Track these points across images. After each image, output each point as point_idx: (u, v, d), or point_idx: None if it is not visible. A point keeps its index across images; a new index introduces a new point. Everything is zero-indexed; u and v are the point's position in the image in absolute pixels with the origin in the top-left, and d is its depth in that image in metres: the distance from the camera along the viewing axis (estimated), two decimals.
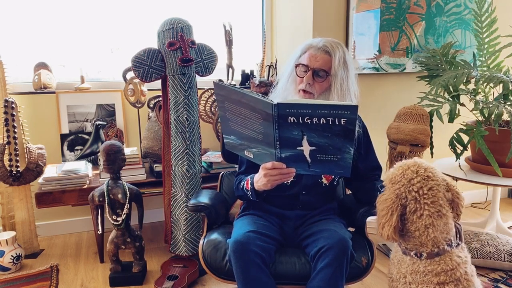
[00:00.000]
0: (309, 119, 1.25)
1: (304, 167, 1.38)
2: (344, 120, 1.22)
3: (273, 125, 1.29)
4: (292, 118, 1.26)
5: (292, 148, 1.34)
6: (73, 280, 2.16)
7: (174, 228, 2.22)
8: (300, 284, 1.46)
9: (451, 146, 2.26)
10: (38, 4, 2.62)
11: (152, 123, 2.50)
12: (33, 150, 2.37)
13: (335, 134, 1.26)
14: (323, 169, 1.38)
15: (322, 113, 1.22)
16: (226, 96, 1.37)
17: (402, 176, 1.27)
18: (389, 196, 1.28)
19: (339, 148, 1.30)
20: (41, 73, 2.49)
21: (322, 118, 1.24)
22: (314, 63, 1.53)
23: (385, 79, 2.79)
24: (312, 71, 1.52)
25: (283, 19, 2.92)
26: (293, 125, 1.28)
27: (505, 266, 2.20)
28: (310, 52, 1.55)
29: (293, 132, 1.30)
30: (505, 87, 2.12)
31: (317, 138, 1.29)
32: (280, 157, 1.37)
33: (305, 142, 1.31)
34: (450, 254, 1.26)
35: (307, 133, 1.29)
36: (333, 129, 1.25)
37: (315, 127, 1.26)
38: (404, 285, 1.32)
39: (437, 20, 2.79)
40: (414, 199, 1.24)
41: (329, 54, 1.52)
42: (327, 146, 1.30)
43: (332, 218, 1.61)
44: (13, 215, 2.42)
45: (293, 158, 1.37)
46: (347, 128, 1.24)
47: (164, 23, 2.06)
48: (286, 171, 1.38)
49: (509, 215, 3.02)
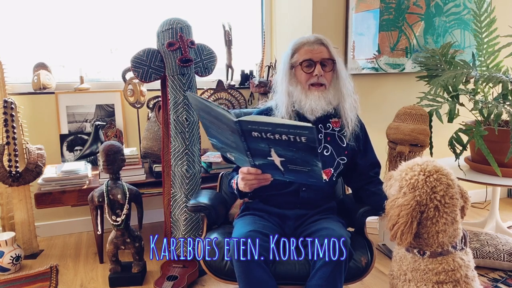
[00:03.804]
0: (271, 135, 1.25)
1: (279, 174, 1.41)
2: (305, 138, 1.21)
3: (240, 138, 1.31)
4: (256, 133, 1.27)
5: (263, 157, 1.35)
6: (73, 281, 2.16)
7: (174, 229, 2.22)
8: (299, 284, 1.46)
9: (450, 146, 2.26)
10: (37, 4, 2.62)
11: (152, 123, 2.49)
12: (32, 151, 2.37)
13: (300, 149, 1.26)
14: (296, 177, 1.39)
15: (282, 131, 1.23)
16: (199, 107, 1.41)
17: (424, 183, 1.23)
18: (409, 202, 1.23)
19: (307, 161, 1.29)
20: (41, 74, 2.49)
21: (283, 135, 1.23)
22: (316, 55, 1.56)
23: (384, 79, 2.79)
24: (320, 63, 1.56)
25: (282, 19, 2.92)
26: (258, 139, 1.29)
27: (505, 265, 2.20)
28: (305, 48, 1.57)
29: (260, 144, 1.31)
30: (505, 87, 2.12)
31: (283, 151, 1.29)
32: (254, 164, 1.40)
33: (274, 153, 1.32)
34: (453, 256, 1.27)
35: (273, 147, 1.29)
36: (296, 145, 1.25)
37: (280, 142, 1.26)
38: (404, 282, 1.32)
39: (436, 20, 2.79)
40: (435, 207, 1.22)
41: (324, 45, 1.59)
42: (295, 159, 1.30)
43: (331, 217, 1.61)
44: (12, 215, 2.42)
45: (266, 166, 1.39)
46: (309, 145, 1.23)
47: (164, 23, 2.06)
48: (262, 176, 1.42)
49: (509, 215, 3.03)
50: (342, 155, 1.63)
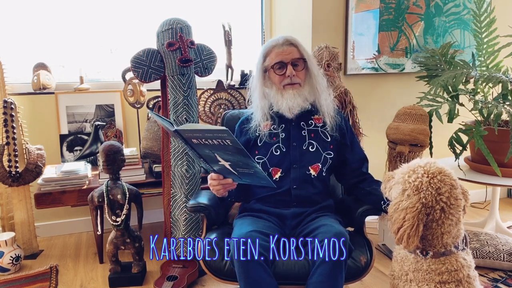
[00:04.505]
0: (205, 140, 1.28)
1: (237, 178, 1.45)
2: (229, 140, 1.24)
3: (187, 145, 1.35)
4: (195, 140, 1.31)
5: (216, 162, 1.39)
6: (73, 281, 2.16)
7: (174, 229, 2.22)
8: (299, 284, 1.46)
9: (450, 146, 2.26)
10: (37, 4, 2.62)
11: (152, 123, 2.49)
12: (32, 151, 2.37)
13: (233, 152, 1.29)
14: (250, 180, 1.43)
15: (208, 136, 1.26)
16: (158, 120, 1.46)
17: (429, 185, 1.22)
18: (414, 205, 1.21)
19: (247, 164, 1.33)
20: (40, 74, 2.49)
21: (213, 140, 1.26)
22: (286, 57, 1.61)
23: (384, 79, 2.79)
24: (291, 63, 1.61)
25: (282, 19, 2.92)
26: (200, 145, 1.32)
27: (505, 265, 2.20)
28: (275, 51, 1.63)
29: (205, 150, 1.34)
30: (504, 87, 2.12)
31: (224, 155, 1.33)
32: (214, 169, 1.45)
33: (219, 158, 1.36)
34: (456, 256, 1.27)
35: (214, 151, 1.33)
36: (228, 148, 1.28)
37: (216, 147, 1.30)
38: (405, 283, 1.32)
39: (436, 20, 2.79)
40: (441, 209, 1.21)
41: (294, 45, 1.63)
42: (237, 162, 1.33)
43: (329, 215, 1.62)
44: (12, 215, 2.42)
45: (223, 171, 1.44)
46: (236, 147, 1.26)
47: (164, 23, 2.06)
48: (224, 181, 1.49)
49: (509, 214, 3.03)
50: (328, 149, 1.66)
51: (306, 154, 1.64)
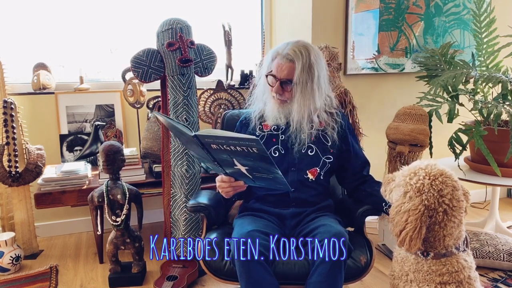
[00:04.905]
0: (227, 147, 1.29)
1: (250, 181, 1.45)
2: (256, 149, 1.25)
3: (203, 150, 1.35)
4: (214, 146, 1.31)
5: (231, 166, 1.39)
6: (73, 281, 2.16)
7: (174, 229, 2.22)
8: (299, 284, 1.46)
9: (450, 146, 2.26)
10: (37, 4, 2.62)
11: (151, 123, 2.49)
12: (32, 151, 2.37)
13: (256, 159, 1.29)
14: (266, 183, 1.44)
15: (234, 143, 1.26)
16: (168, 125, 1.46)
17: (431, 187, 1.21)
18: (417, 207, 1.20)
19: (268, 169, 1.33)
20: (40, 74, 2.49)
21: (236, 147, 1.26)
22: (280, 73, 1.58)
23: (384, 79, 2.79)
24: (279, 82, 1.58)
25: (282, 19, 2.92)
26: (218, 150, 1.33)
27: (504, 265, 2.20)
28: (277, 61, 1.60)
29: (223, 155, 1.35)
30: (504, 87, 2.12)
31: (244, 161, 1.33)
32: (226, 172, 1.45)
33: (237, 162, 1.36)
34: (457, 257, 1.27)
35: (234, 157, 1.33)
36: (251, 155, 1.28)
37: (237, 153, 1.30)
38: (405, 283, 1.32)
39: (436, 20, 2.79)
40: (443, 211, 1.20)
41: (293, 62, 1.56)
42: (256, 167, 1.33)
43: (328, 215, 1.62)
44: (12, 215, 2.42)
45: (237, 174, 1.44)
46: (262, 155, 1.26)
47: (163, 23, 2.06)
48: (236, 184, 1.49)
49: (508, 214, 3.03)
50: (328, 153, 1.65)
51: (305, 158, 1.63)
